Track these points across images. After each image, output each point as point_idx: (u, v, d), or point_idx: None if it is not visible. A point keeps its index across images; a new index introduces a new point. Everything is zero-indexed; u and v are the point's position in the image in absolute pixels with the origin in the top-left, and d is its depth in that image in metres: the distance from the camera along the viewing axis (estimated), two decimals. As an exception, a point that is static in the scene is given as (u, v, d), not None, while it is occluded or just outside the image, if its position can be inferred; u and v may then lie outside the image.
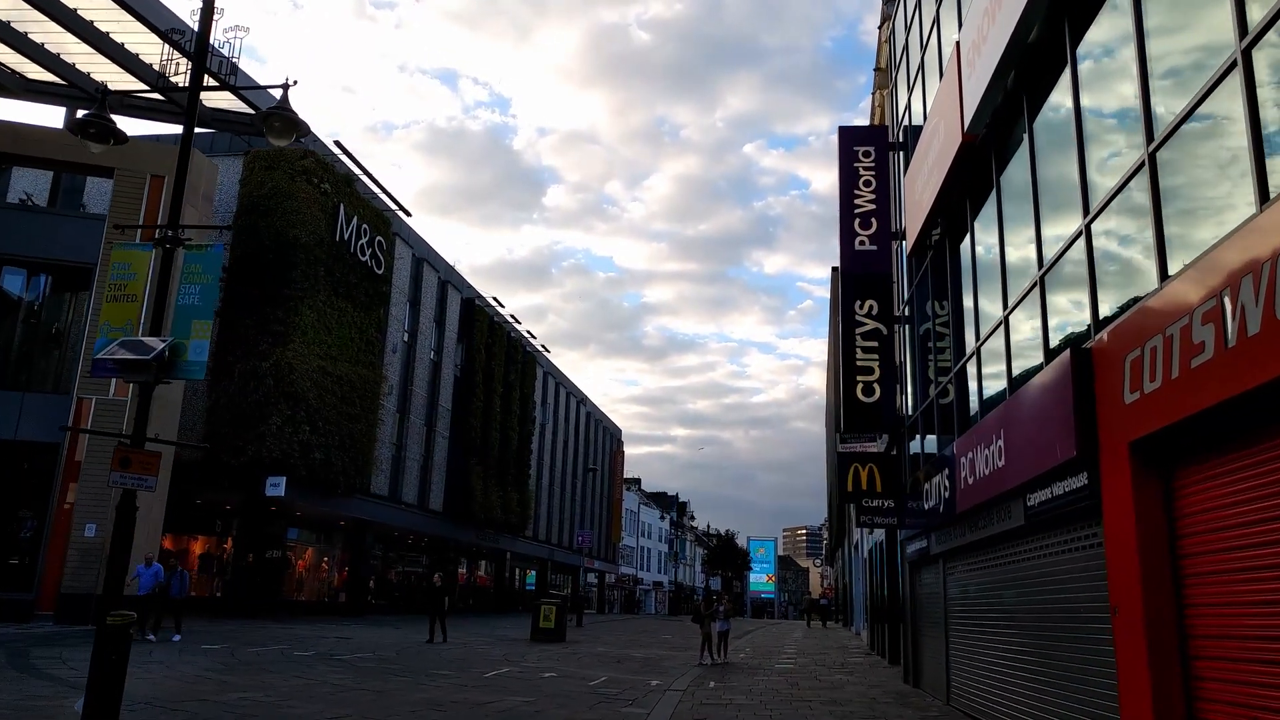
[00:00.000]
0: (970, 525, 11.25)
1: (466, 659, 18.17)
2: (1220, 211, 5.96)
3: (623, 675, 16.72)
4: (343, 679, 13.52)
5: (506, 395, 47.20)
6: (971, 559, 11.65)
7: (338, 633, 23.05)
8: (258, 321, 28.01)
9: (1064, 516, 8.23)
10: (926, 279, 14.87)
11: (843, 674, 17.79)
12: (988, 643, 10.90)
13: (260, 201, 28.87)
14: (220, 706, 10.05)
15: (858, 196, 17.47)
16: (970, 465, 10.90)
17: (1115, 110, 7.67)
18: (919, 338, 15.47)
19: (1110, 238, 7.55)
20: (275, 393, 27.25)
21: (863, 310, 16.75)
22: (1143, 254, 6.94)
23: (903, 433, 16.32)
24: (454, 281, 42.59)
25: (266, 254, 28.45)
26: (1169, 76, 6.69)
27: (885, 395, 16.31)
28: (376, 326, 33.39)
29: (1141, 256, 6.98)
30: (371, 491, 34.12)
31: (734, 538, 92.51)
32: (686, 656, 21.71)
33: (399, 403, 36.94)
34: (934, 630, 13.90)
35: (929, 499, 13.37)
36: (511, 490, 47.26)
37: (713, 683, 15.84)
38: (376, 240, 33.15)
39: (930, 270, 14.49)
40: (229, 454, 27.07)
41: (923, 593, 14.90)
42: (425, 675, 14.83)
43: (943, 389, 13.56)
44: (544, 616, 24.66)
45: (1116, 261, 7.50)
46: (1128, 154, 7.15)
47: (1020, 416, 9.07)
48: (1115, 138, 7.60)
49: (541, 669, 17.03)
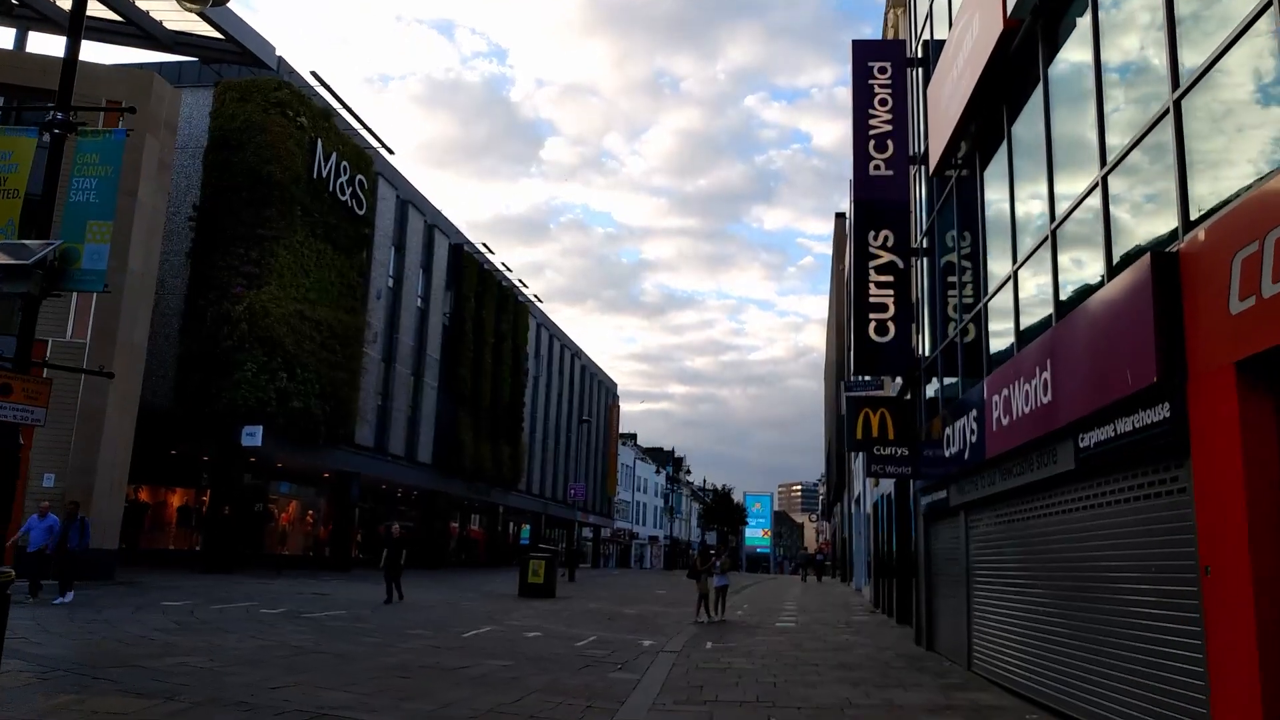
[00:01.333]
0: (1002, 472, 9.97)
1: (446, 617, 17.03)
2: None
3: (613, 635, 15.59)
4: (305, 640, 12.33)
5: (498, 345, 45.84)
6: (1001, 510, 10.39)
7: (316, 588, 21.94)
8: (230, 263, 26.54)
9: (1130, 457, 6.93)
10: (950, 204, 13.44)
11: (849, 634, 16.68)
12: (1019, 604, 9.69)
13: (232, 135, 27.21)
14: (149, 674, 8.82)
15: (873, 117, 15.96)
16: (1004, 405, 9.59)
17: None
18: (939, 271, 14.08)
19: (1210, 116, 6.12)
20: (249, 338, 25.87)
21: (877, 242, 15.34)
22: (1260, 128, 5.53)
23: (919, 375, 15.01)
24: (441, 226, 40.97)
25: (239, 191, 26.89)
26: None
27: (900, 334, 14.97)
28: (359, 270, 31.90)
29: (1259, 132, 5.58)
30: (356, 442, 32.91)
31: (730, 492, 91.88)
32: (681, 613, 20.64)
33: (384, 351, 35.57)
34: (952, 589, 12.71)
35: (950, 445, 12.09)
36: (503, 443, 46.12)
37: (710, 643, 14.70)
38: (358, 179, 31.53)
39: (955, 193, 13.05)
40: (202, 402, 25.79)
41: (939, 548, 13.69)
42: (398, 636, 13.66)
43: (965, 326, 12.22)
44: (532, 571, 23.57)
45: (1219, 138, 6.08)
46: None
47: (1073, 344, 7.73)
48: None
49: (526, 628, 15.89)
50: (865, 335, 15.00)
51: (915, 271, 15.41)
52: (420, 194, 39.25)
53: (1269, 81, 5.44)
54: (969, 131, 11.98)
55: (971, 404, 11.01)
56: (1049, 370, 8.26)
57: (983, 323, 11.22)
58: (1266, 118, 5.53)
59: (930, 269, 15.01)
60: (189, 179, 28.10)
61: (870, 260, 15.26)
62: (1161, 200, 6.63)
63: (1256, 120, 5.65)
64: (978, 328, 11.82)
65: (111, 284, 20.72)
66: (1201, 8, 6.36)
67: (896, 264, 15.23)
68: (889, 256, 15.26)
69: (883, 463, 14.26)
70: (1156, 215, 6.78)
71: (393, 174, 36.47)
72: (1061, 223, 8.52)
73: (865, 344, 15.00)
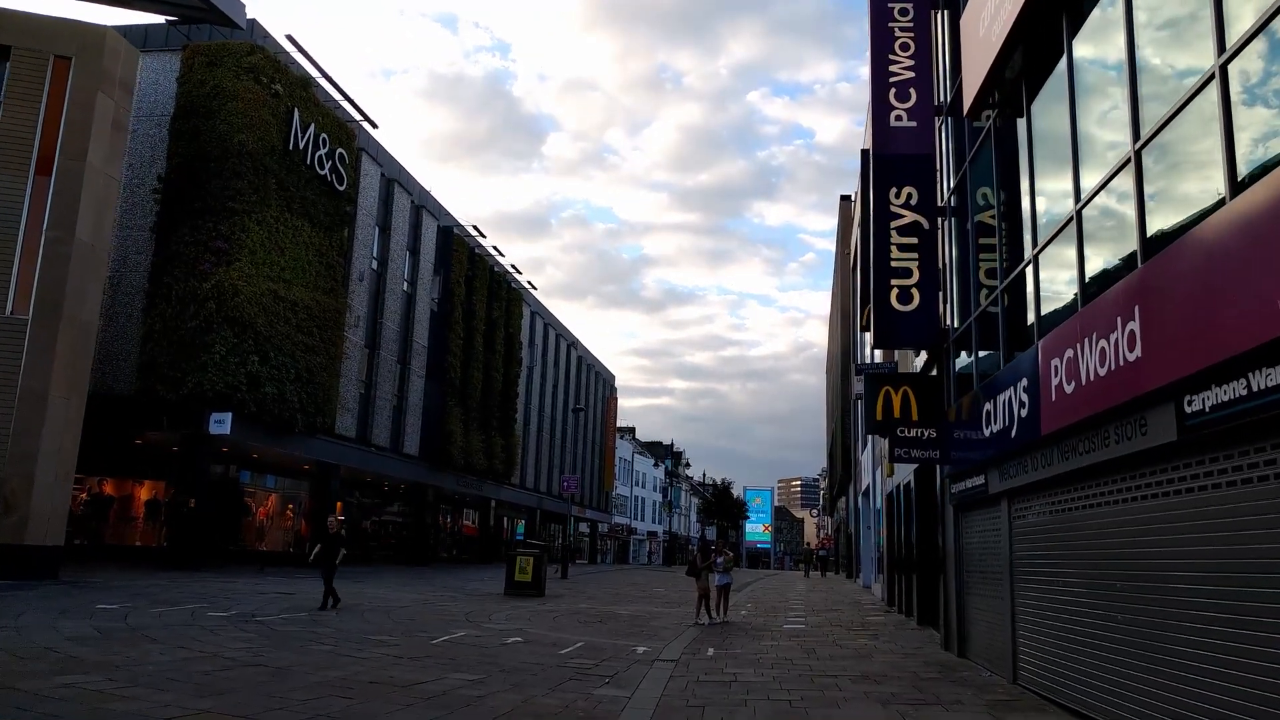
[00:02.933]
0: (1062, 451, 8.31)
1: (419, 619, 15.37)
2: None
3: (603, 640, 13.94)
4: (242, 650, 10.66)
5: (490, 333, 44.14)
6: (1059, 496, 8.72)
7: (284, 587, 20.27)
8: (198, 237, 24.84)
9: (1266, 424, 5.26)
10: (984, 155, 11.76)
11: (865, 637, 15.02)
12: (1082, 609, 8.02)
13: (200, 102, 25.50)
14: (14, 701, 7.16)
15: (893, 63, 14.25)
16: (1067, 369, 7.93)
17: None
18: (972, 231, 12.40)
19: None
20: (217, 318, 24.18)
21: (899, 200, 13.64)
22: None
23: (947, 347, 13.33)
24: (429, 207, 39.24)
25: (208, 161, 25.19)
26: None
27: (926, 303, 13.27)
28: (339, 250, 30.19)
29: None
30: (337, 432, 31.23)
31: (730, 487, 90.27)
32: (680, 614, 19.00)
33: (367, 336, 33.87)
34: (990, 588, 11.05)
35: (990, 423, 10.42)
36: (496, 435, 44.43)
37: (712, 649, 13.05)
38: (338, 153, 29.80)
39: (992, 141, 11.36)
40: (166, 387, 24.10)
41: (972, 542, 12.03)
42: (357, 643, 12.00)
43: (1008, 284, 10.56)
44: (519, 568, 21.90)
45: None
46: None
47: (1176, 282, 6.08)
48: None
49: (507, 632, 14.23)
50: (887, 303, 13.32)
51: (942, 233, 13.72)
52: (407, 172, 37.52)
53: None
54: (1012, 61, 10.30)
55: (1020, 373, 9.33)
56: (1137, 320, 6.59)
57: (1033, 277, 9.54)
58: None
59: (959, 230, 13.34)
60: (154, 149, 26.38)
61: (892, 220, 13.56)
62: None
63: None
64: (1015, 293, 10.17)
65: (56, 255, 19.07)
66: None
67: (921, 224, 13.53)
68: (912, 216, 13.56)
69: (907, 446, 12.58)
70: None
71: (377, 150, 34.75)
72: (1152, 137, 6.84)
73: (886, 313, 13.31)
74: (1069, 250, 8.57)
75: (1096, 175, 7.97)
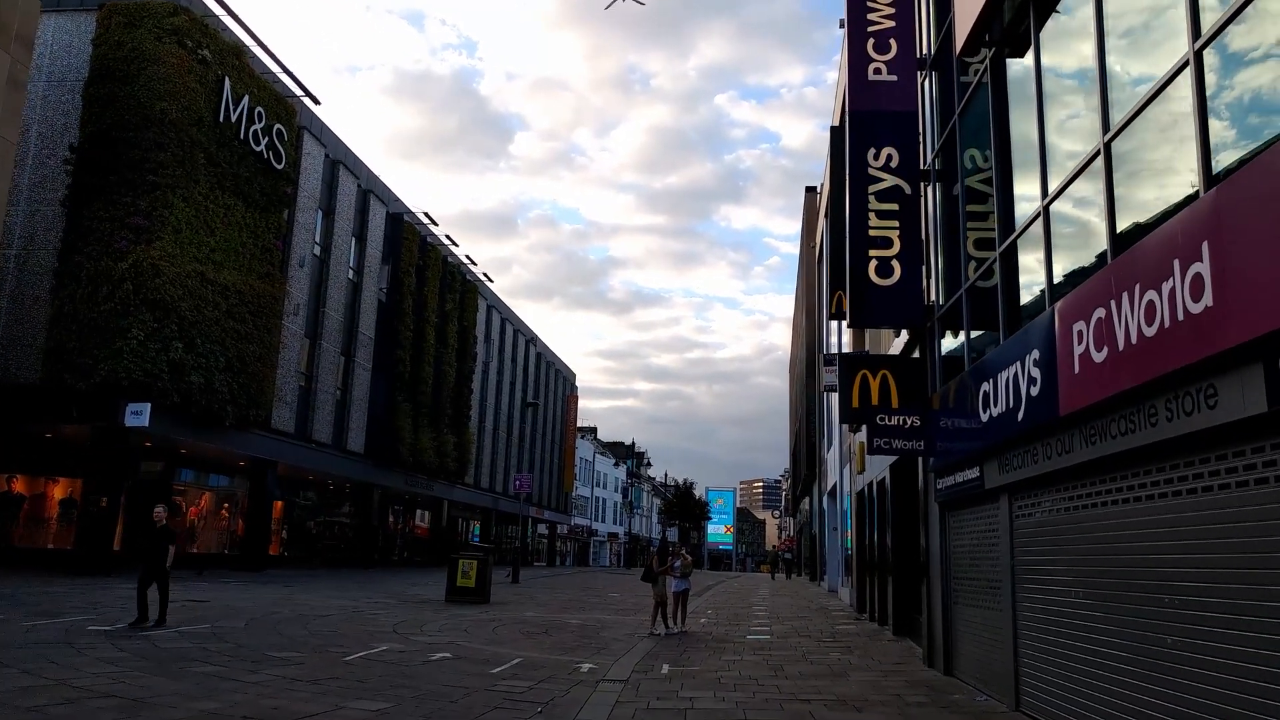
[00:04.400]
0: (1087, 434, 6.87)
1: (339, 631, 13.63)
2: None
3: (545, 654, 12.32)
4: (102, 676, 8.91)
5: (442, 326, 42.25)
6: (1081, 490, 7.29)
7: (200, 594, 18.37)
8: (114, 213, 22.79)
9: None
10: (981, 102, 10.35)
11: (838, 650, 13.55)
12: (1113, 629, 6.59)
13: (117, 66, 23.44)
14: None
15: (872, 11, 12.83)
16: (1097, 332, 6.49)
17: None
18: (962, 196, 10.98)
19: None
20: (135, 299, 22.16)
21: (878, 162, 12.20)
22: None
23: (931, 326, 11.91)
24: (378, 192, 37.30)
25: (126, 130, 23.13)
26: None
27: (908, 276, 11.85)
28: (276, 232, 28.21)
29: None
30: (273, 427, 29.23)
31: (692, 488, 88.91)
32: (635, 623, 17.43)
33: (308, 325, 31.89)
34: (985, 598, 9.62)
35: (989, 406, 8.98)
36: (448, 433, 42.53)
37: (666, 666, 11.50)
38: (276, 129, 27.82)
39: (990, 87, 9.94)
40: (76, 375, 22.03)
41: (962, 544, 10.61)
42: (253, 662, 10.27)
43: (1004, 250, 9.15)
44: (462, 573, 20.18)
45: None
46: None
47: (1273, 201, 4.63)
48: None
49: (435, 646, 12.56)
50: (865, 277, 11.86)
51: (925, 200, 12.30)
52: (354, 155, 35.56)
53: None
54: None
55: (1029, 344, 7.89)
56: (1205, 260, 5.15)
57: (1044, 231, 8.10)
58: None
59: (945, 195, 11.93)
60: (67, 117, 24.26)
61: (870, 184, 12.12)
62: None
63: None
64: (1012, 259, 8.76)
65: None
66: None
67: (902, 189, 12.11)
68: (893, 180, 12.14)
69: (888, 435, 11.13)
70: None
71: (321, 129, 32.79)
72: (1215, 35, 5.41)
73: (864, 289, 11.86)
74: (1092, 194, 7.15)
75: (1124, 109, 6.55)
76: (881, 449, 11.18)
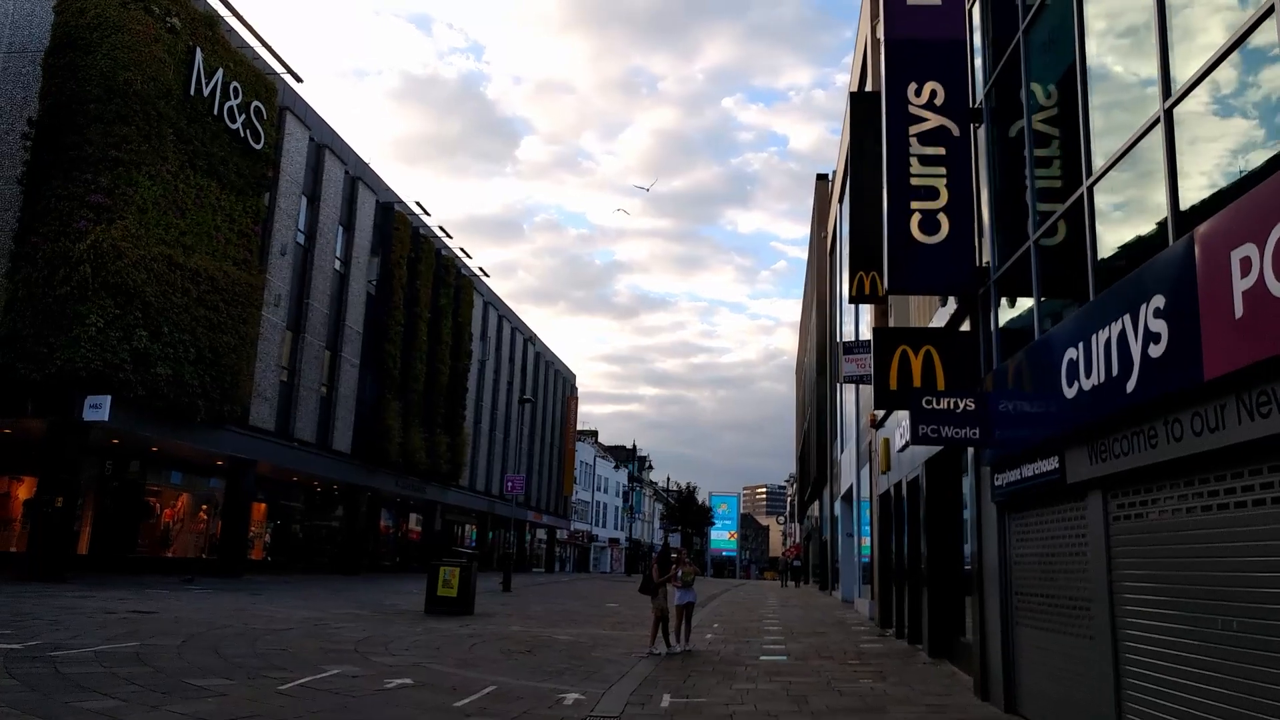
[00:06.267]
0: (1260, 401, 5.01)
1: (288, 651, 11.79)
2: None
3: (523, 681, 10.47)
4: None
5: (435, 322, 40.50)
6: (1226, 483, 5.44)
7: (150, 604, 16.56)
8: (73, 190, 21.08)
9: None
10: (1053, 15, 8.51)
11: (869, 676, 11.69)
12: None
13: (79, 34, 21.75)
14: None
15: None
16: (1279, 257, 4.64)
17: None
18: (1028, 138, 9.15)
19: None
20: (94, 283, 20.43)
21: (920, 99, 10.40)
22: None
23: (985, 291, 10.06)
24: (366, 179, 35.56)
25: (87, 103, 21.43)
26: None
27: (957, 233, 10.03)
28: (255, 217, 26.49)
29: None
30: (251, 424, 27.47)
31: (695, 492, 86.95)
32: (633, 639, 15.58)
33: (290, 318, 30.12)
34: (1065, 621, 7.77)
35: (1080, 378, 7.14)
36: (441, 433, 40.74)
37: (668, 697, 9.67)
38: (254, 107, 26.10)
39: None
40: (30, 364, 20.28)
41: (1028, 552, 8.76)
42: (162, 693, 8.45)
43: (1097, 179, 7.31)
44: (443, 582, 18.35)
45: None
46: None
47: None
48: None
49: (397, 670, 10.72)
50: (905, 234, 10.04)
51: (977, 142, 10.47)
52: (341, 140, 33.81)
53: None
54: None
55: (1144, 291, 6.04)
56: None
57: (1165, 140, 6.26)
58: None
59: (1000, 138, 10.11)
60: (25, 89, 22.54)
61: (911, 125, 10.31)
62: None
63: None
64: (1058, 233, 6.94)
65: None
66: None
67: (949, 130, 10.30)
68: (938, 119, 10.33)
69: (936, 422, 9.28)
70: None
71: (305, 111, 31.06)
72: None
73: (906, 247, 10.03)
74: (1237, 81, 5.32)
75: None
76: (928, 438, 9.33)
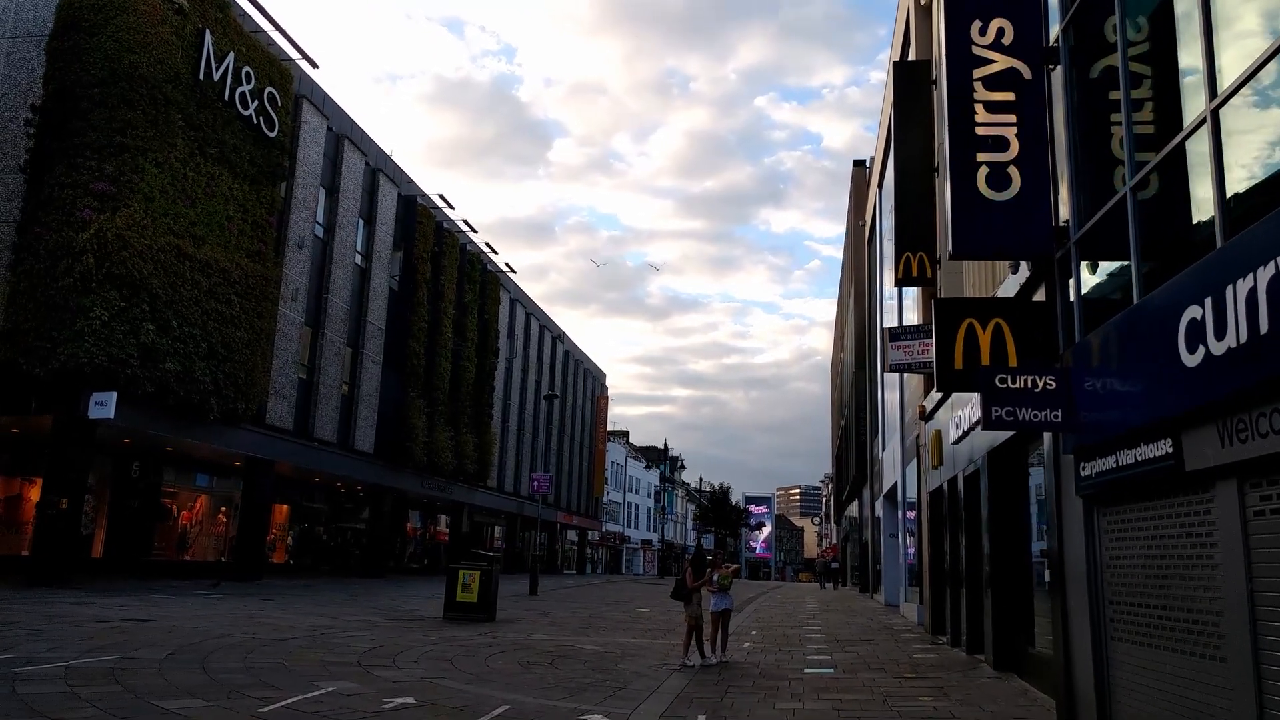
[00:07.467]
0: None
1: (283, 664, 10.70)
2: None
3: (541, 699, 9.30)
4: None
5: (460, 319, 39.55)
6: None
7: (150, 611, 15.62)
8: (77, 178, 20.29)
9: None
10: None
11: (928, 693, 10.37)
12: None
13: (83, 15, 21.00)
14: None
15: None
16: None
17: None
18: (1124, 75, 7.82)
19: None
20: (98, 274, 19.61)
21: (985, 39, 9.09)
22: None
23: (1065, 255, 8.72)
24: (388, 171, 34.67)
25: (91, 87, 20.64)
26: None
27: (1031, 187, 8.72)
28: (270, 208, 25.63)
29: None
30: (268, 422, 26.61)
31: (728, 492, 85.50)
32: (664, 648, 14.37)
33: (309, 313, 29.26)
34: (1184, 638, 6.45)
35: (1206, 342, 5.83)
36: (467, 432, 39.77)
37: (702, 718, 8.44)
38: (268, 93, 25.24)
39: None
40: (33, 360, 19.49)
41: (1129, 553, 7.43)
42: (128, 712, 7.36)
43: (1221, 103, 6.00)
44: (463, 586, 17.25)
45: None
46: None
47: None
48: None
49: (401, 687, 9.58)
50: (971, 190, 8.74)
51: (1052, 87, 9.14)
52: (361, 130, 32.93)
53: None
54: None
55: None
56: None
57: None
58: None
59: (1079, 81, 8.78)
60: (30, 74, 21.84)
61: (976, 67, 9.01)
62: None
63: None
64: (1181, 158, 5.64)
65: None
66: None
67: (1020, 73, 8.99)
68: (1007, 61, 9.02)
69: (1011, 403, 7.99)
70: None
71: (323, 100, 30.22)
72: None
73: (971, 205, 8.73)
74: None
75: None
76: (1002, 422, 8.02)
